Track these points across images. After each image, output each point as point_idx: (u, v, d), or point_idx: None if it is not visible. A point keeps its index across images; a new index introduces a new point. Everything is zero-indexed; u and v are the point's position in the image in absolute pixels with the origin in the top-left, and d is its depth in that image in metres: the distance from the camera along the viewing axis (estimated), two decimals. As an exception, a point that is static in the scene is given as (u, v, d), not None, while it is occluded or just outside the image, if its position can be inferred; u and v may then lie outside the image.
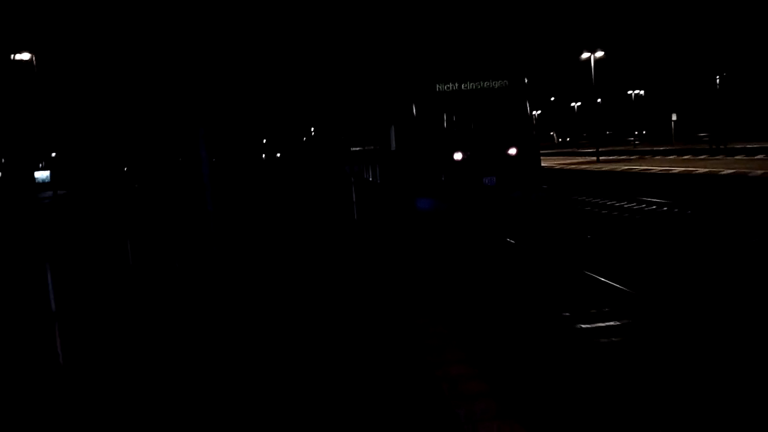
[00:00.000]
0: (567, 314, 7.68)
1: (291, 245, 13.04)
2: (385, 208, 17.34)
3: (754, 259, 10.33)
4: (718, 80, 64.74)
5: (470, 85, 14.42)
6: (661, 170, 25.96)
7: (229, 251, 11.83)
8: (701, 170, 23.88)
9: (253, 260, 11.22)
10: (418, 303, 7.38)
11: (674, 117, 75.35)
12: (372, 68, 22.38)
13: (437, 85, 14.46)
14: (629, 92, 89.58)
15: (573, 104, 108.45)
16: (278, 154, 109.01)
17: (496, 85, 14.44)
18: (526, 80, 14.63)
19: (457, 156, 13.95)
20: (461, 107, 14.33)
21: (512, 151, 14.03)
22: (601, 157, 43.04)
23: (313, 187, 32.42)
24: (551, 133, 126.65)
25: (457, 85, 14.43)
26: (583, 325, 7.22)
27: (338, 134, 32.72)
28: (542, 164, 18.35)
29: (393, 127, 16.31)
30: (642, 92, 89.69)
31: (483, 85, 14.41)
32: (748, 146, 44.62)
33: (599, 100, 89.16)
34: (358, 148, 24.91)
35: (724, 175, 21.34)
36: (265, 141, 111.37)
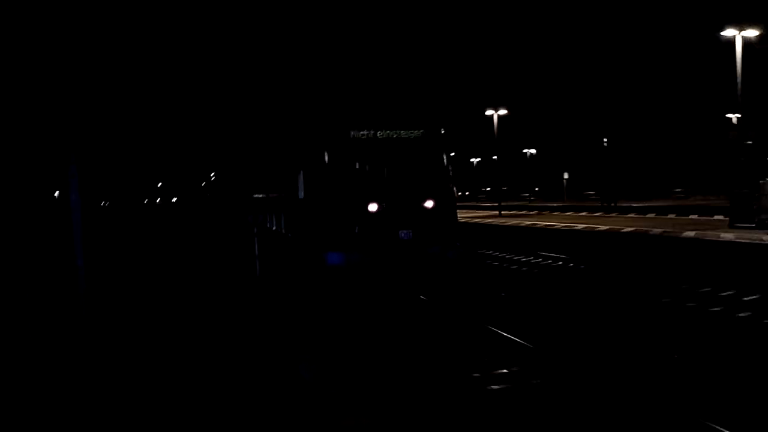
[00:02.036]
0: (472, 371, 8.16)
1: (179, 312, 11.32)
2: (291, 262, 15.91)
3: (649, 314, 11.18)
4: (605, 142, 69.37)
5: (386, 133, 13.60)
6: (564, 226, 26.41)
7: (95, 324, 9.95)
8: (603, 227, 24.46)
9: (127, 333, 9.47)
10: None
11: (566, 176, 79.87)
12: (279, 111, 21.26)
13: (351, 132, 13.49)
14: (524, 150, 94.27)
15: (472, 159, 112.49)
16: (174, 199, 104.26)
17: (413, 135, 13.71)
18: (443, 131, 14.04)
19: (372, 207, 12.94)
20: (376, 156, 13.42)
21: (429, 203, 13.23)
22: (502, 212, 43.97)
23: (211, 236, 30.26)
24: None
25: (372, 132, 13.54)
26: (475, 374, 8.00)
27: (240, 179, 31.02)
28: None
29: (301, 174, 15.13)
30: (534, 151, 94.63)
31: (399, 133, 13.64)
32: (633, 205, 47.60)
33: (497, 157, 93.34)
34: (261, 195, 23.42)
35: (625, 233, 21.85)
36: (160, 184, 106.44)
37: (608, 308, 11.98)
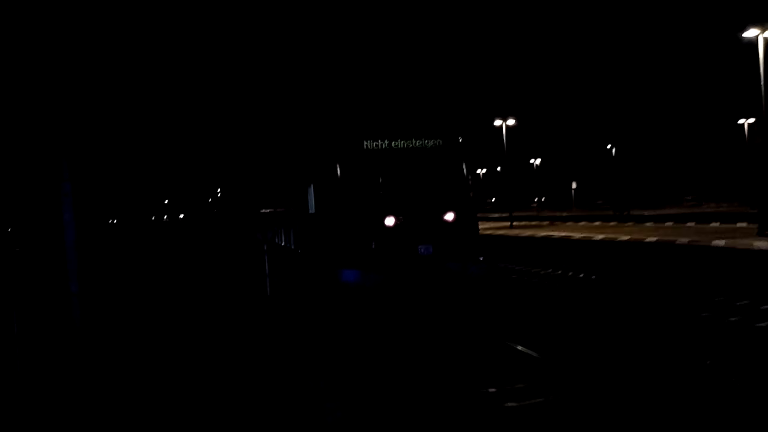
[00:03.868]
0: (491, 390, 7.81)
1: (185, 339, 10.51)
2: (303, 280, 15.10)
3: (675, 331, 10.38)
4: (611, 150, 68.57)
5: (402, 143, 12.82)
6: (582, 237, 25.53)
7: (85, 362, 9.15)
8: (623, 237, 23.57)
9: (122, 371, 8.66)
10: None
11: (574, 185, 79.09)
12: (286, 122, 20.59)
13: (365, 142, 12.71)
14: (531, 161, 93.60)
15: (479, 171, 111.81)
16: (181, 216, 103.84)
17: (430, 144, 12.92)
18: (461, 139, 13.25)
19: (389, 221, 12.12)
20: (391, 167, 12.63)
21: (449, 216, 12.41)
22: (513, 222, 43.10)
23: (219, 254, 29.49)
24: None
25: (387, 142, 12.76)
26: (490, 389, 7.69)
27: (247, 194, 30.34)
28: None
29: (312, 187, 14.38)
30: (539, 160, 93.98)
31: (415, 143, 12.85)
32: (646, 213, 46.67)
33: (500, 168, 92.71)
34: (269, 210, 22.70)
35: (649, 243, 20.96)
36: (167, 201, 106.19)
37: (645, 324, 11.10)
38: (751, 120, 54.48)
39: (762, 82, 21.41)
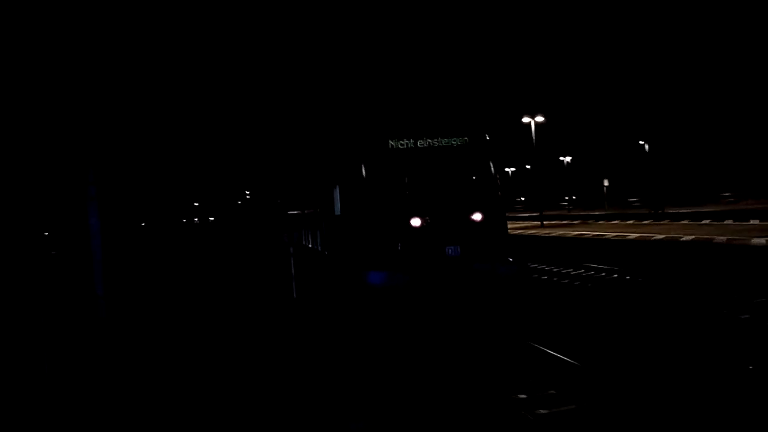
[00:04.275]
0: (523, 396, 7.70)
1: (210, 344, 10.47)
2: (329, 282, 14.98)
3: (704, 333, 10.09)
4: (645, 146, 67.05)
5: (427, 142, 12.58)
6: (615, 236, 24.91)
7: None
8: (658, 236, 22.91)
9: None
10: None
11: (606, 182, 77.63)
12: (312, 123, 20.54)
13: (390, 142, 12.52)
14: (561, 158, 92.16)
15: (507, 169, 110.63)
16: (211, 218, 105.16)
17: (457, 143, 12.66)
18: (488, 138, 12.95)
19: (416, 222, 11.89)
20: (417, 166, 12.40)
21: (477, 216, 12.11)
22: (544, 222, 42.41)
23: (247, 257, 29.65)
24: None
25: (412, 141, 12.54)
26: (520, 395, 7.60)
27: (274, 196, 30.43)
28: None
29: (337, 189, 14.24)
30: (569, 158, 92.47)
31: (442, 142, 12.60)
32: (682, 211, 45.42)
33: (529, 166, 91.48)
34: (296, 212, 22.69)
35: (685, 242, 20.30)
36: (197, 204, 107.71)
37: (681, 327, 10.67)
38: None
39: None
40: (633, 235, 24.05)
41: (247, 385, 7.91)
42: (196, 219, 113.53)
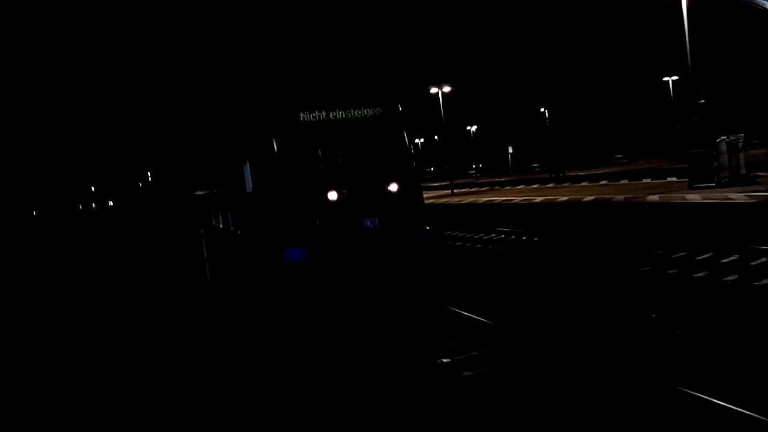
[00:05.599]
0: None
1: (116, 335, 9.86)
2: (244, 262, 14.52)
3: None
4: (545, 114, 69.91)
5: (340, 114, 12.35)
6: (522, 200, 25.84)
7: None
8: (562, 198, 23.98)
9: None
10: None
11: (510, 150, 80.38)
12: (217, 97, 19.61)
13: (301, 114, 12.17)
14: (467, 128, 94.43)
15: (417, 140, 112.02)
16: (110, 203, 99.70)
17: (370, 113, 12.51)
18: (400, 108, 12.88)
19: (332, 196, 11.71)
20: (330, 139, 12.16)
21: (394, 187, 12.10)
22: (454, 190, 43.38)
23: (153, 241, 28.26)
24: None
25: (324, 113, 12.26)
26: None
27: (179, 176, 29.06)
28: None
29: (248, 165, 13.73)
30: (475, 127, 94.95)
31: (355, 113, 12.41)
32: (581, 173, 47.93)
33: (438, 136, 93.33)
34: (204, 192, 21.76)
35: (587, 202, 21.37)
36: (93, 189, 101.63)
37: (589, 281, 11.24)
38: (675, 77, 56.67)
39: (686, 38, 21.98)
40: (539, 199, 25.05)
41: (165, 365, 7.50)
42: (93, 204, 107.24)
